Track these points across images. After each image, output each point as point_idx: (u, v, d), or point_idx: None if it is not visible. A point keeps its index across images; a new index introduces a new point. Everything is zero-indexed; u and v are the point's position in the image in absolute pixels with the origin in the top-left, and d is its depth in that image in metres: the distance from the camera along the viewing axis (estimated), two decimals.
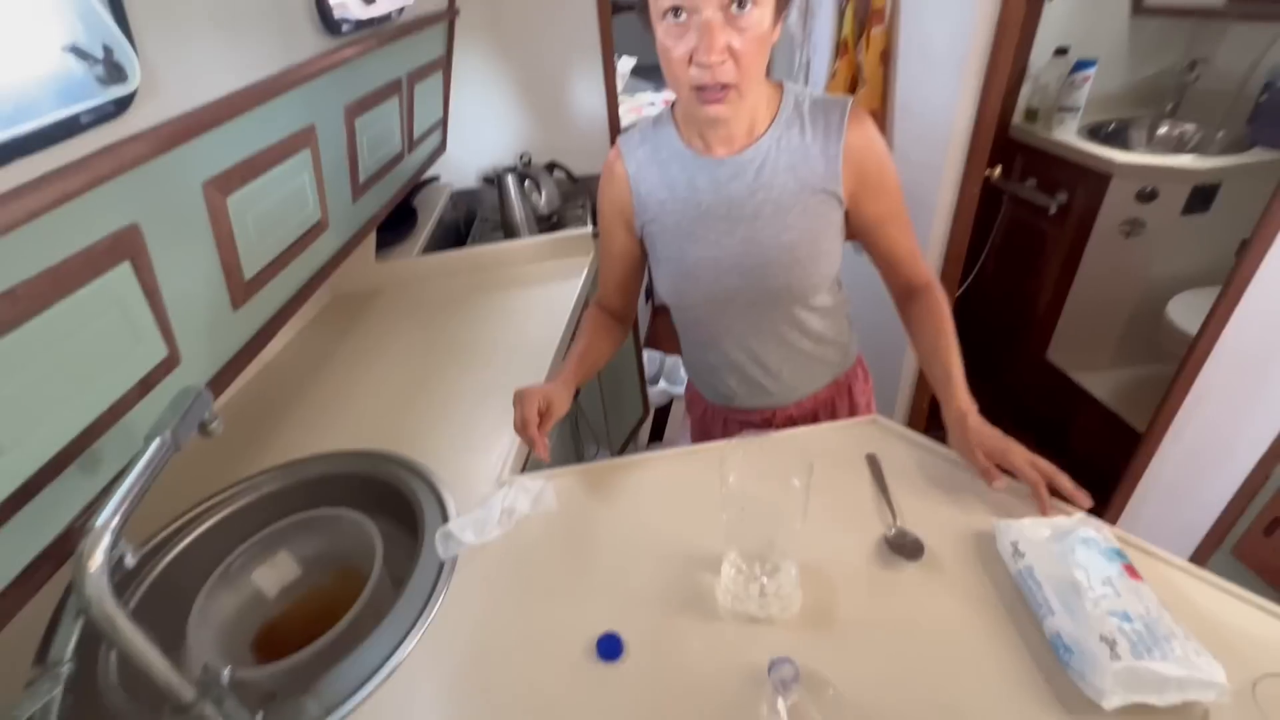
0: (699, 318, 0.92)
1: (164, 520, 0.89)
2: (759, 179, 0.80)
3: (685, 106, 0.76)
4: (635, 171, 0.86)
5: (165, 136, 0.68)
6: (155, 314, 0.73)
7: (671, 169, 0.83)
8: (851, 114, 0.79)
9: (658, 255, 0.89)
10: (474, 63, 1.89)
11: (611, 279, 0.97)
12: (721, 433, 1.06)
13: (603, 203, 0.91)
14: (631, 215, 0.88)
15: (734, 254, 0.83)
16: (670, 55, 0.69)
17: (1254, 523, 1.36)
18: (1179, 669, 0.53)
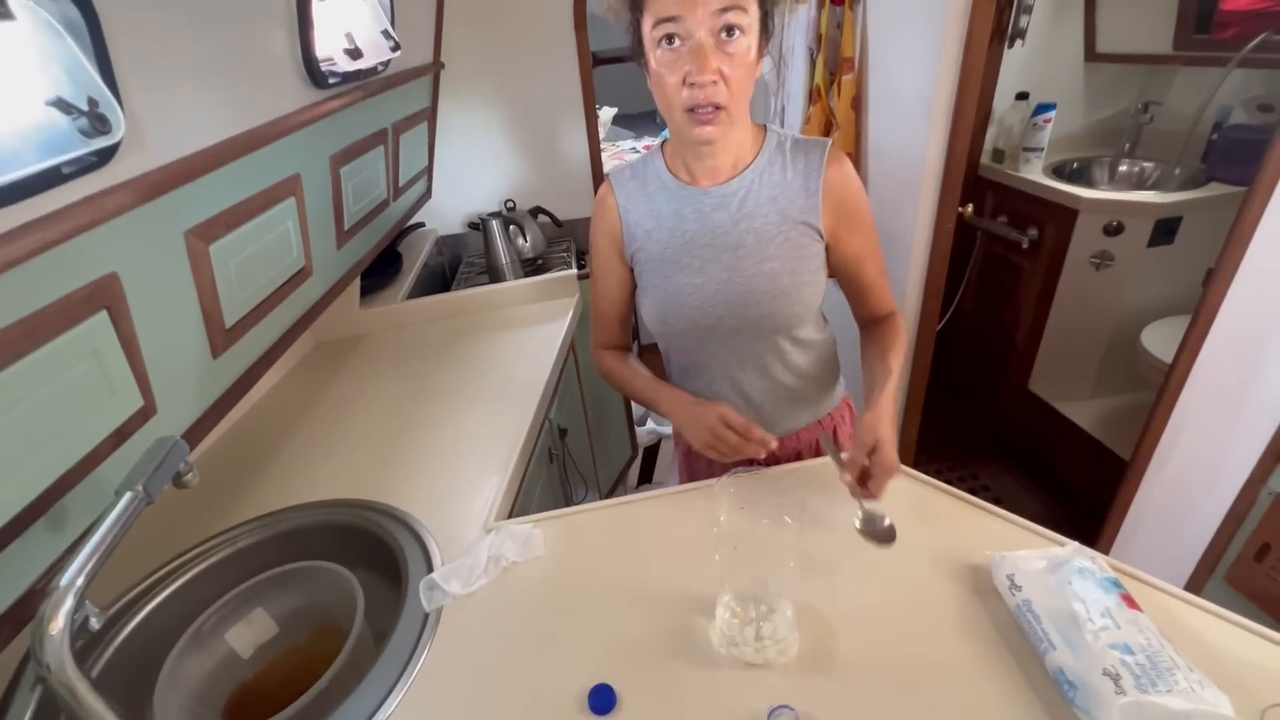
0: (685, 345, 0.93)
1: (133, 579, 0.85)
2: (742, 209, 0.83)
3: (677, 130, 0.79)
4: (625, 202, 0.89)
5: (148, 186, 0.68)
6: (132, 364, 0.71)
7: (658, 200, 0.87)
8: (830, 154, 0.82)
9: (644, 283, 0.91)
10: (460, 112, 1.94)
11: (613, 314, 0.98)
12: (706, 469, 1.05)
13: (595, 235, 0.93)
14: (622, 244, 0.91)
15: (718, 281, 0.85)
16: (665, 81, 0.73)
17: (1244, 548, 1.37)
18: (1185, 702, 0.51)
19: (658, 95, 0.76)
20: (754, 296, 0.85)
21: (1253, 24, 1.58)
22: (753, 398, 0.94)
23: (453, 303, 1.61)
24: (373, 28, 1.19)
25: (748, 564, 0.64)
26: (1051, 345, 2.00)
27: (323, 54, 1.02)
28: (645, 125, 3.93)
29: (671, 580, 0.76)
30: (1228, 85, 1.65)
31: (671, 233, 0.86)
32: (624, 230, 0.89)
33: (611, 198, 0.90)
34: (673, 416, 0.89)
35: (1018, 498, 2.13)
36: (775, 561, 0.63)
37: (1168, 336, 1.66)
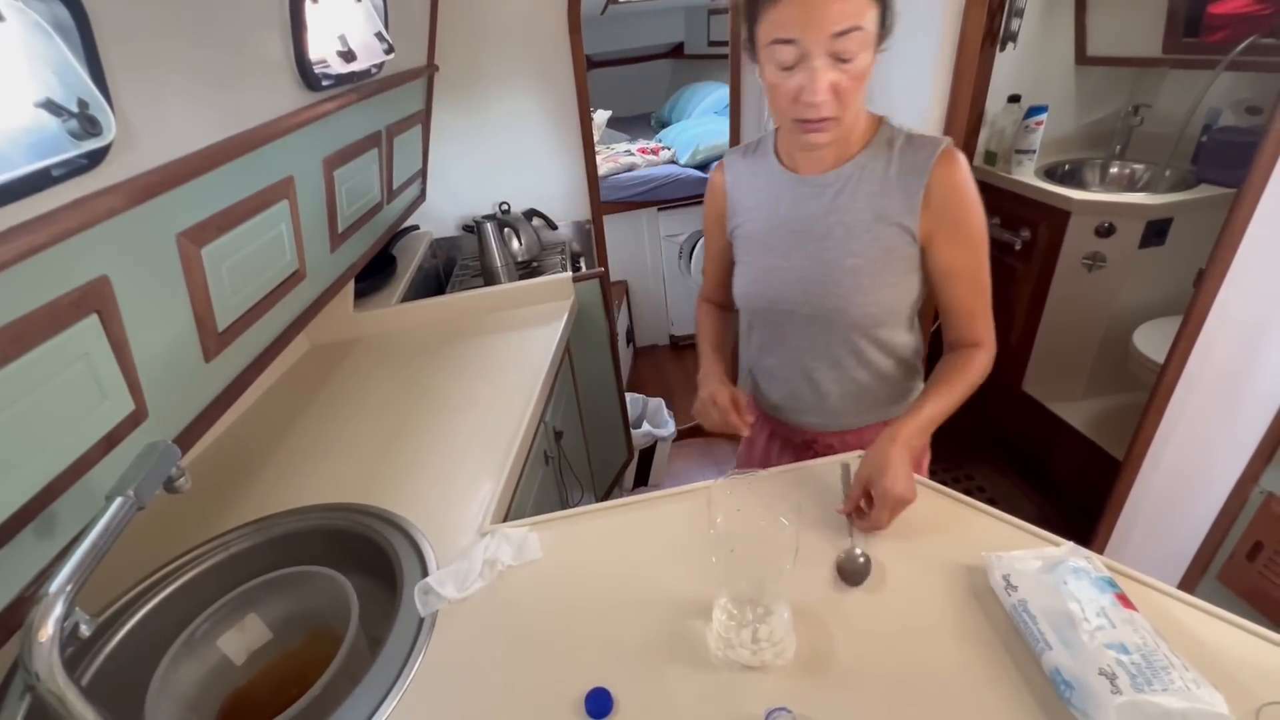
0: (763, 322, 0.97)
1: (125, 585, 0.85)
2: (835, 200, 0.83)
3: (787, 133, 0.83)
4: (732, 180, 0.94)
5: (139, 189, 0.68)
6: (123, 368, 0.71)
7: (763, 181, 0.90)
8: (942, 154, 0.78)
9: (738, 258, 0.95)
10: (454, 115, 1.94)
11: (714, 275, 1.05)
12: (764, 444, 1.10)
13: (706, 206, 0.99)
14: (725, 220, 0.96)
15: (799, 268, 0.87)
16: (777, 91, 0.74)
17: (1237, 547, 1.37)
18: (1181, 701, 0.51)
19: (770, 99, 0.78)
20: (831, 289, 0.85)
21: (1241, 27, 1.60)
22: (820, 386, 0.94)
23: (447, 305, 1.61)
24: (366, 30, 1.18)
25: (744, 566, 0.64)
26: (1045, 346, 2.01)
27: (316, 56, 1.01)
28: (640, 128, 3.93)
29: (668, 583, 0.76)
30: (1216, 88, 1.66)
31: (768, 214, 0.89)
32: (728, 206, 0.94)
33: (720, 176, 0.95)
34: (700, 393, 0.95)
35: (1012, 498, 2.13)
36: (772, 564, 0.63)
37: (1160, 337, 1.67)
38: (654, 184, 2.95)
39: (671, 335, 3.46)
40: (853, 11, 0.67)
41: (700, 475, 2.54)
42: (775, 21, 0.69)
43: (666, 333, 3.46)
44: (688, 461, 2.66)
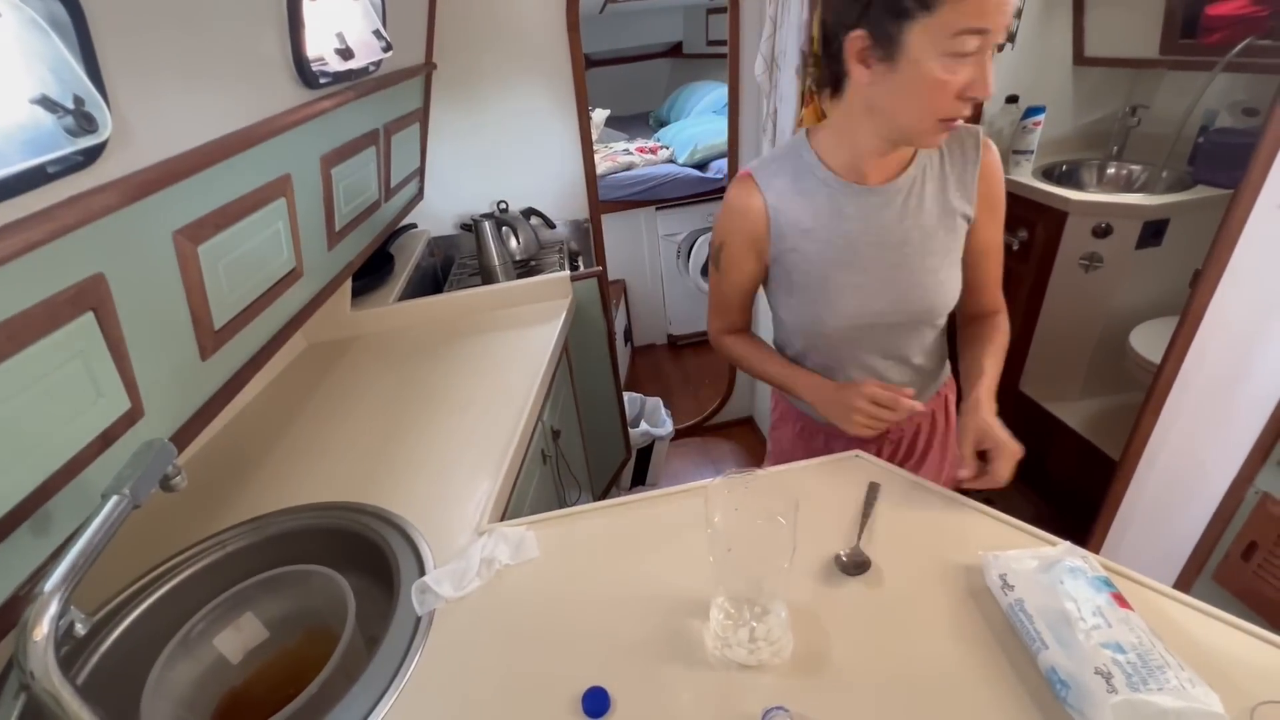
0: (830, 343, 0.92)
1: (120, 583, 0.84)
2: (907, 205, 0.83)
3: (905, 134, 0.76)
4: (775, 201, 0.85)
5: (135, 186, 0.67)
6: (119, 366, 0.70)
7: (817, 198, 0.84)
8: (983, 141, 0.83)
9: (792, 283, 0.89)
10: (452, 113, 1.93)
11: (740, 302, 0.98)
12: (824, 448, 1.03)
13: (731, 233, 0.89)
14: (766, 245, 0.88)
15: (882, 279, 0.85)
16: (945, 88, 0.68)
17: (1232, 547, 1.38)
18: (1176, 700, 0.52)
19: (920, 99, 0.70)
20: (918, 292, 0.86)
21: (1237, 29, 1.60)
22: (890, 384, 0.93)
23: (445, 304, 1.61)
24: (364, 28, 1.18)
25: (742, 566, 0.64)
26: (1041, 346, 2.01)
27: (314, 54, 1.01)
28: (638, 127, 3.93)
29: (665, 582, 0.76)
30: (1213, 89, 1.66)
31: (832, 232, 0.84)
32: (771, 231, 0.86)
33: (758, 197, 0.85)
34: (814, 400, 0.90)
35: (1009, 498, 2.14)
36: (769, 563, 0.63)
37: (1156, 337, 1.68)
38: (652, 183, 2.95)
39: (669, 334, 3.46)
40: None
41: (698, 474, 2.54)
42: (969, 10, 0.64)
43: (664, 332, 3.47)
44: (685, 461, 2.66)
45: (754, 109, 2.07)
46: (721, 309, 1.00)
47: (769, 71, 1.78)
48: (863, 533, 0.78)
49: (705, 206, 3.04)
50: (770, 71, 1.77)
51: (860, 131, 0.79)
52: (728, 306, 0.99)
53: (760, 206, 0.85)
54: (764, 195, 0.85)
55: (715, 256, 0.94)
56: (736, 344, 1.01)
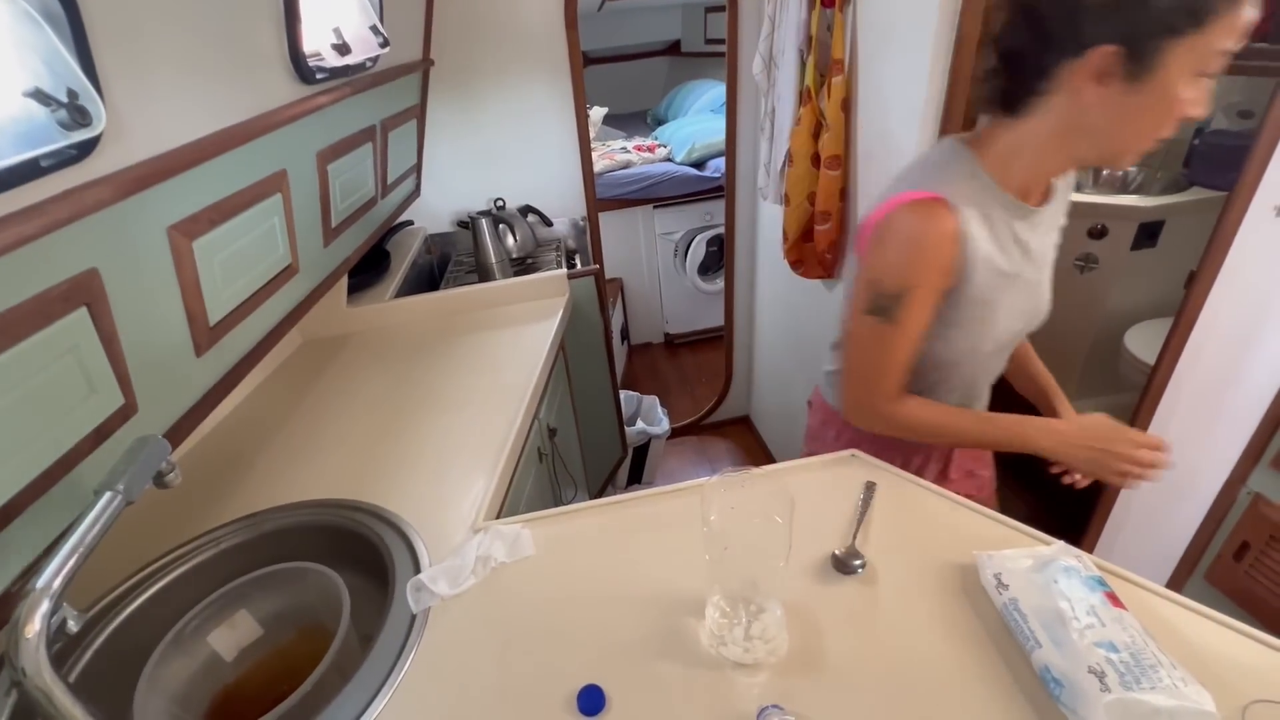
0: (970, 369, 0.88)
1: (114, 580, 0.84)
2: (1050, 226, 0.83)
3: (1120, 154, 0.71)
4: (966, 229, 0.74)
5: (130, 181, 0.67)
6: (112, 361, 0.70)
7: (997, 223, 0.77)
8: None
9: (957, 315, 0.80)
10: (449, 110, 1.93)
11: (906, 360, 0.82)
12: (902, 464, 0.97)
13: (923, 274, 0.75)
14: (954, 281, 0.77)
15: (1028, 299, 0.84)
16: (1182, 107, 0.65)
17: (1224, 547, 1.39)
18: (1168, 699, 0.52)
19: (1143, 122, 0.67)
20: (1045, 306, 0.87)
21: None
22: (982, 402, 0.97)
23: (441, 301, 1.60)
24: (361, 23, 1.18)
25: (738, 564, 0.64)
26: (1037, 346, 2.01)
27: (310, 49, 1.00)
28: (635, 125, 3.93)
29: (661, 580, 0.76)
30: None
31: (1007, 257, 0.78)
32: (956, 264, 0.76)
33: (952, 228, 0.73)
34: (1056, 447, 0.81)
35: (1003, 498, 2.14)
36: (765, 561, 0.63)
37: (1151, 338, 1.69)
38: (650, 181, 2.95)
39: (666, 333, 3.46)
40: None
41: (694, 473, 2.54)
42: (1234, 29, 0.62)
43: (661, 331, 3.47)
44: (681, 460, 2.67)
45: (752, 108, 2.07)
46: (891, 372, 0.82)
47: (767, 70, 1.78)
48: (858, 532, 0.78)
49: (703, 205, 3.04)
50: (769, 70, 1.77)
51: (1051, 152, 0.73)
52: (899, 368, 0.81)
53: (954, 238, 0.74)
54: (959, 224, 0.74)
55: (887, 305, 0.78)
56: (925, 409, 0.84)
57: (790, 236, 1.77)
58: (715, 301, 3.06)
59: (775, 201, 1.85)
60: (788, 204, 1.74)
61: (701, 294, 3.25)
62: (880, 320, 0.79)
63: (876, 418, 0.85)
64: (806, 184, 1.67)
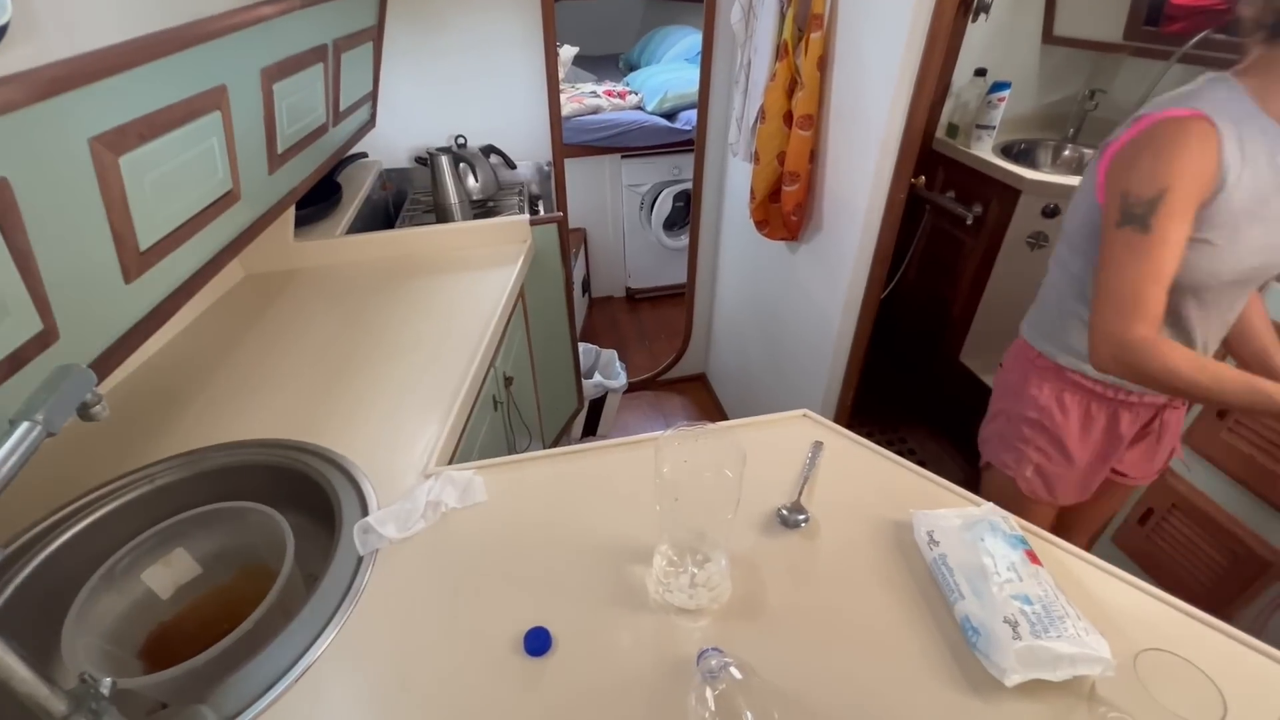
0: (1200, 297, 0.84)
1: (38, 515, 0.80)
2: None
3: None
4: (1228, 146, 0.73)
5: (44, 82, 0.60)
6: (27, 282, 0.64)
7: (1256, 143, 0.75)
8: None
9: (1203, 235, 0.78)
10: (409, 37, 1.80)
11: (1166, 278, 0.77)
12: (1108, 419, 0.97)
13: (1187, 184, 0.74)
14: (1210, 195, 0.75)
15: (1272, 232, 0.78)
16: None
17: (1130, 514, 1.51)
18: (1071, 647, 0.57)
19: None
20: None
21: (1199, 20, 1.64)
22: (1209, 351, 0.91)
23: (396, 240, 1.54)
24: None
25: (687, 515, 0.66)
26: (984, 320, 2.10)
27: None
28: (607, 69, 3.77)
29: (611, 529, 0.77)
30: (1169, 79, 1.71)
31: (1261, 181, 0.75)
32: (1223, 175, 0.74)
33: (1215, 141, 0.73)
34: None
35: (940, 461, 2.26)
36: (714, 513, 0.65)
37: None
38: (619, 129, 2.86)
39: (628, 288, 3.44)
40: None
41: (648, 428, 2.57)
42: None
43: (623, 285, 3.44)
44: (636, 414, 2.69)
45: (728, 59, 2.02)
46: (1149, 293, 0.77)
47: (746, 20, 1.72)
48: (804, 488, 0.81)
49: (672, 158, 2.98)
50: (747, 20, 1.72)
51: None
52: (1163, 286, 0.77)
53: (1215, 145, 0.73)
54: (1221, 139, 0.73)
55: (1142, 213, 0.75)
56: (1184, 349, 0.79)
57: (757, 195, 1.76)
58: (679, 258, 3.04)
59: (745, 159, 1.83)
60: (757, 162, 1.72)
61: (666, 250, 3.22)
62: (1135, 229, 0.76)
63: (1128, 349, 0.78)
64: (777, 142, 1.65)
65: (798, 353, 1.95)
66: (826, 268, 1.69)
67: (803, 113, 1.54)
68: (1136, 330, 0.77)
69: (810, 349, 1.84)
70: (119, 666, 0.69)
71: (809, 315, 1.83)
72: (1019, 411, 1.03)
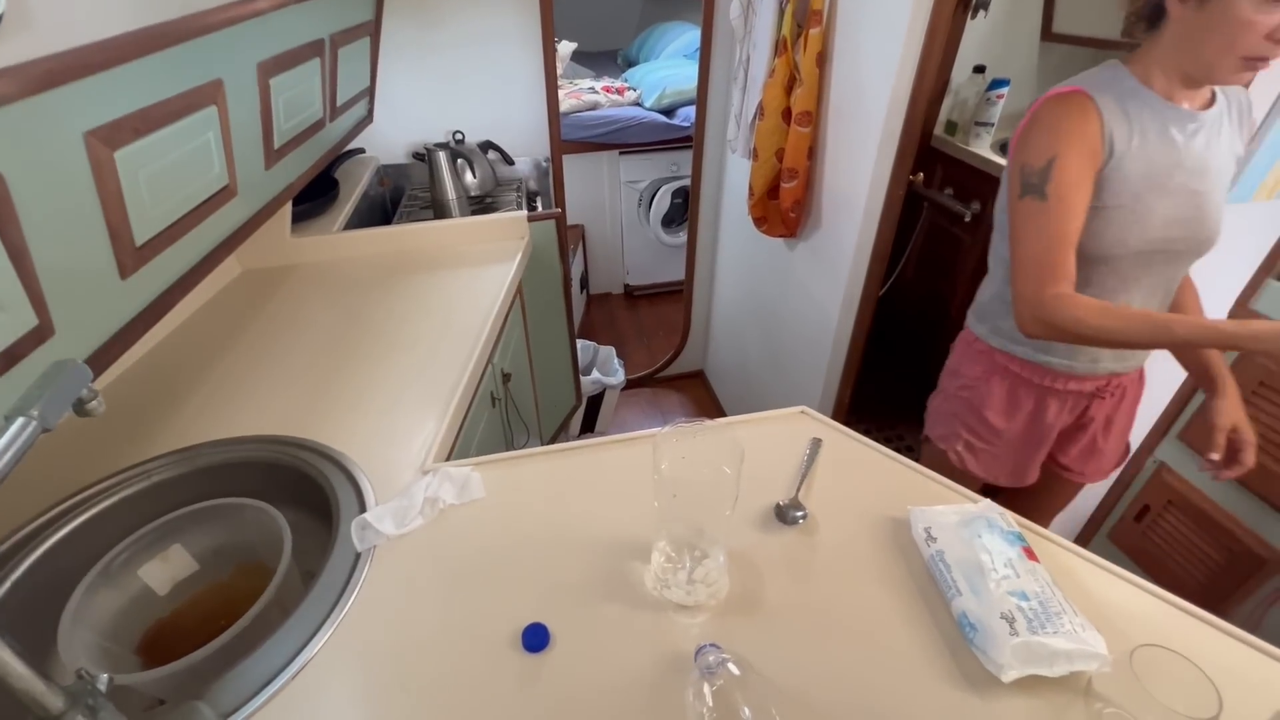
0: (1117, 269, 0.89)
1: (34, 511, 0.80)
2: (1211, 134, 0.84)
3: (1210, 69, 0.77)
4: (1108, 116, 0.81)
5: (39, 76, 0.60)
6: (23, 278, 0.64)
7: (1143, 117, 0.82)
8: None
9: (1101, 204, 0.84)
10: (407, 32, 1.80)
11: (1068, 239, 0.83)
12: (1035, 405, 1.02)
13: (1068, 144, 0.81)
14: (1100, 160, 0.82)
15: (1183, 204, 0.84)
16: (1251, 28, 0.71)
17: (1126, 510, 1.51)
18: (1067, 643, 0.57)
19: (1219, 35, 0.74)
20: (1206, 221, 0.86)
21: None
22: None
23: (394, 237, 1.53)
24: None
25: (685, 511, 0.66)
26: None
27: None
28: (605, 65, 3.76)
29: (610, 526, 0.77)
30: None
31: (1154, 151, 0.82)
32: (1104, 144, 0.82)
33: (1094, 111, 0.81)
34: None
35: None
36: (712, 510, 0.65)
37: None
38: (617, 125, 2.85)
39: (626, 284, 3.43)
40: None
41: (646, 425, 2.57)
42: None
43: (621, 281, 3.44)
44: (634, 411, 2.70)
45: (726, 55, 2.01)
46: (1055, 255, 0.83)
47: (745, 16, 1.72)
48: (802, 485, 0.81)
49: (670, 155, 2.97)
50: (746, 16, 1.72)
51: (1171, 65, 0.81)
52: (1066, 247, 0.82)
53: (1096, 118, 0.81)
54: (1099, 108, 0.81)
55: (1036, 182, 0.83)
56: (1094, 301, 0.83)
57: (756, 192, 1.76)
58: (677, 255, 3.04)
59: (744, 155, 1.82)
60: (756, 159, 1.72)
61: (664, 246, 3.22)
62: (1034, 198, 0.83)
63: (1043, 307, 0.83)
64: (776, 139, 1.65)
65: (796, 350, 1.95)
66: (825, 265, 1.70)
67: (801, 109, 1.54)
68: (1048, 289, 0.83)
69: (808, 346, 1.84)
70: (116, 663, 0.69)
71: (807, 312, 1.83)
72: (954, 390, 1.11)
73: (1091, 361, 0.97)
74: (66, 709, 0.51)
